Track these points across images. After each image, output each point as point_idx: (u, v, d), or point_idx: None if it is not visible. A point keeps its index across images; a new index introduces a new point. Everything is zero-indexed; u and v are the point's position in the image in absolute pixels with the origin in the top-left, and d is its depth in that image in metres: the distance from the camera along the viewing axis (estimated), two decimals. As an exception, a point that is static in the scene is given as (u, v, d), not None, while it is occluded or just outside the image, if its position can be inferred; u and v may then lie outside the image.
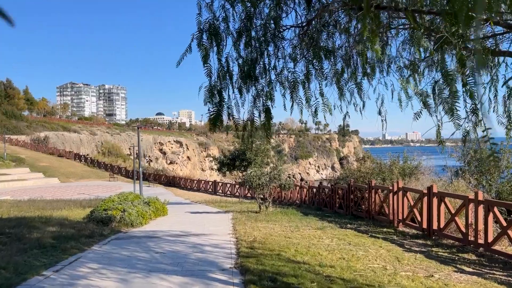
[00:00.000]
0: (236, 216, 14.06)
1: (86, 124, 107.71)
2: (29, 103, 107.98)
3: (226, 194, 33.49)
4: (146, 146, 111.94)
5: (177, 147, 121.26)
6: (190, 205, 23.81)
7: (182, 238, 9.67)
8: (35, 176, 47.22)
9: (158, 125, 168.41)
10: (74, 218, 13.19)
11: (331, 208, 16.06)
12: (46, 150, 61.22)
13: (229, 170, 24.32)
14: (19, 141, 62.84)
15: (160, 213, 15.76)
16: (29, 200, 25.26)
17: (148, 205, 15.40)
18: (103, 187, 40.32)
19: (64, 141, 77.84)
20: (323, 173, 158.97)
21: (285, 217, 13.37)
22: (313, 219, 13.10)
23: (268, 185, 15.08)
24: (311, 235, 9.71)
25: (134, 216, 12.44)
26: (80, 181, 46.22)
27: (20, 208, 17.66)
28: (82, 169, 53.74)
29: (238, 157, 23.29)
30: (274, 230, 10.46)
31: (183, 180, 41.44)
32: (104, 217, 11.96)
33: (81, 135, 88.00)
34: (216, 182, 35.94)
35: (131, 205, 13.39)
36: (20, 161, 51.84)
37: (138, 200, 15.80)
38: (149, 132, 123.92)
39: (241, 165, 23.24)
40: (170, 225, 12.69)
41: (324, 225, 11.47)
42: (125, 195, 17.23)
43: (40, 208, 17.41)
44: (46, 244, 8.36)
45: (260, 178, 15.14)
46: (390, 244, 8.86)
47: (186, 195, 33.09)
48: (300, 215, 14.45)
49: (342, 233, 10.07)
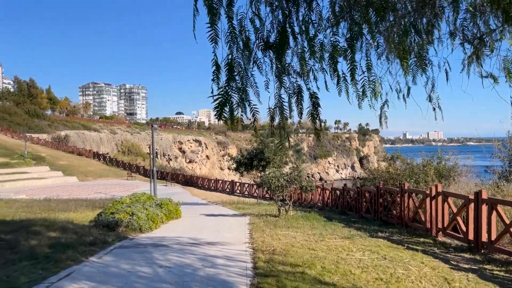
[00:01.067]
0: (254, 221, 12.95)
1: (106, 123, 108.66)
2: (52, 103, 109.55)
3: (244, 194, 32.46)
4: (166, 145, 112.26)
5: (196, 146, 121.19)
6: (206, 206, 22.85)
7: (192, 248, 8.61)
8: (54, 174, 47.28)
9: (178, 124, 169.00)
10: (80, 221, 12.34)
11: (357, 212, 14.76)
12: (66, 148, 61.52)
13: (247, 170, 23.21)
14: (40, 140, 63.37)
15: (173, 215, 14.79)
16: (44, 200, 24.79)
17: (160, 207, 14.46)
18: (120, 186, 39.91)
19: (84, 140, 78.39)
20: (343, 173, 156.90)
21: (307, 223, 12.18)
22: (339, 225, 11.86)
23: (288, 187, 13.91)
24: (338, 246, 8.50)
25: (143, 220, 11.47)
26: (98, 180, 46.02)
27: (30, 208, 17.00)
28: (100, 167, 53.64)
29: (256, 156, 22.14)
30: (296, 239, 9.29)
31: (200, 180, 40.64)
32: (111, 221, 11.03)
33: (101, 134, 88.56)
34: (234, 182, 34.95)
35: (141, 208, 12.44)
36: (41, 159, 52.07)
37: (150, 202, 14.89)
38: (169, 131, 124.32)
39: (259, 165, 22.09)
40: (182, 230, 11.67)
41: (352, 233, 10.23)
42: (137, 196, 16.38)
43: (50, 209, 16.71)
44: (39, 254, 7.43)
45: (279, 179, 13.99)
46: (432, 259, 7.57)
47: (203, 195, 32.23)
48: (324, 220, 13.23)
49: (374, 244, 8.83)
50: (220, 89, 2.90)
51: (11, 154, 51.60)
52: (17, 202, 21.79)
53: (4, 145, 55.63)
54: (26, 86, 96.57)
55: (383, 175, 14.69)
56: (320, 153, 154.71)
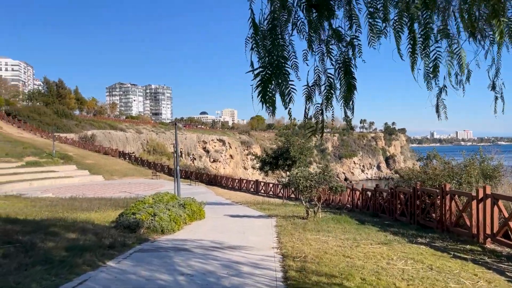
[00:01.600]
0: (281, 223, 12.25)
1: (132, 123, 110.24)
2: (79, 103, 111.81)
3: (269, 194, 31.79)
4: (190, 145, 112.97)
5: (220, 146, 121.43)
6: (230, 206, 22.30)
7: (216, 252, 7.99)
8: (81, 173, 47.91)
9: (202, 124, 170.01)
10: (101, 222, 11.95)
11: (391, 215, 13.85)
12: (92, 148, 62.43)
13: (272, 170, 22.52)
14: (67, 139, 64.56)
15: (197, 216, 14.27)
16: (69, 198, 24.84)
17: (183, 208, 13.96)
18: (145, 185, 39.97)
19: (110, 139, 79.55)
20: (368, 173, 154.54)
21: (338, 226, 11.39)
22: (373, 229, 11.03)
23: (317, 188, 13.14)
24: (376, 253, 7.71)
25: (166, 221, 10.96)
26: (123, 179, 46.34)
27: (54, 208, 16.86)
28: (126, 166, 54.09)
29: (282, 155, 21.40)
30: (328, 244, 8.54)
31: (224, 179, 40.23)
32: (132, 222, 10.56)
33: (127, 133, 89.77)
34: (258, 181, 34.34)
35: (163, 208, 11.95)
36: (68, 158, 52.95)
37: (173, 202, 14.43)
38: (193, 130, 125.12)
39: (285, 164, 21.35)
40: (205, 232, 11.10)
41: (389, 239, 9.39)
42: (160, 195, 15.98)
43: (73, 208, 16.51)
44: (54, 258, 6.97)
45: (307, 179, 13.24)
46: (485, 270, 6.69)
47: (227, 194, 31.75)
48: (355, 223, 12.40)
49: (416, 251, 7.98)
50: (262, 59, 2.19)
51: (40, 153, 52.66)
52: (43, 200, 21.84)
53: (34, 144, 56.87)
54: (55, 86, 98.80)
55: (419, 175, 13.71)
56: (345, 153, 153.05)
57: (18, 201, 20.03)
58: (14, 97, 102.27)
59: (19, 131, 65.74)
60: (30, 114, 71.99)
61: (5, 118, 69.79)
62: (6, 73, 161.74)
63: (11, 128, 66.21)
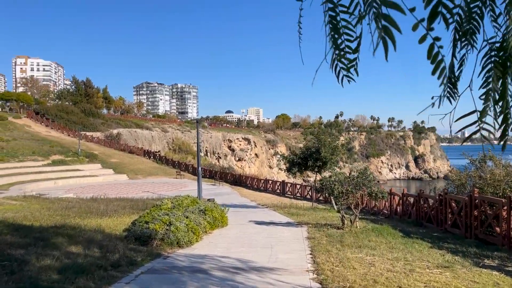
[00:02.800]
0: (313, 234, 10.72)
1: (158, 122, 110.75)
2: (107, 102, 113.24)
3: (296, 196, 30.21)
4: (215, 143, 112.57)
5: (245, 144, 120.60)
6: (255, 210, 20.89)
7: (239, 277, 6.56)
8: (105, 172, 47.70)
9: (227, 122, 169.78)
10: (112, 230, 10.75)
11: (439, 225, 12.08)
12: (118, 146, 62.40)
13: (300, 171, 20.91)
14: (93, 138, 64.85)
15: (218, 223, 12.93)
16: (89, 199, 24.10)
17: (204, 214, 12.65)
18: (168, 184, 39.17)
19: (136, 138, 79.78)
20: (397, 172, 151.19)
21: (381, 240, 9.75)
22: (423, 244, 9.34)
23: (354, 194, 11.54)
24: (440, 282, 6.08)
25: (182, 231, 9.63)
26: (147, 178, 45.77)
27: (69, 210, 15.89)
28: (150, 165, 53.63)
29: (311, 155, 19.75)
30: (375, 268, 6.96)
31: (249, 179, 38.88)
32: (144, 233, 9.28)
33: (153, 132, 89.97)
34: (285, 182, 32.79)
35: (180, 216, 10.64)
36: (93, 157, 52.95)
37: (193, 207, 13.14)
38: (218, 129, 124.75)
39: (315, 165, 19.70)
40: (227, 245, 9.70)
41: (448, 260, 7.72)
42: (180, 199, 14.74)
43: (88, 212, 15.49)
44: (41, 284, 5.72)
45: (343, 184, 11.65)
46: None
47: (252, 196, 30.37)
48: (400, 235, 10.73)
49: (489, 280, 6.31)
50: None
51: (66, 151, 52.89)
52: (61, 202, 21.07)
53: (60, 143, 57.28)
54: (83, 85, 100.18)
55: (474, 180, 11.87)
56: (372, 152, 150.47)
57: (35, 203, 19.27)
58: (44, 96, 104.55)
59: (47, 130, 66.58)
60: (58, 113, 72.86)
61: (34, 117, 70.89)
62: (37, 73, 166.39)
63: (39, 127, 67.15)
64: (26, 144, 52.81)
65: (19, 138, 55.02)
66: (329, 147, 19.37)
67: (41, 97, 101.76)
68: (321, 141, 19.48)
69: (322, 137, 19.61)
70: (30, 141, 54.96)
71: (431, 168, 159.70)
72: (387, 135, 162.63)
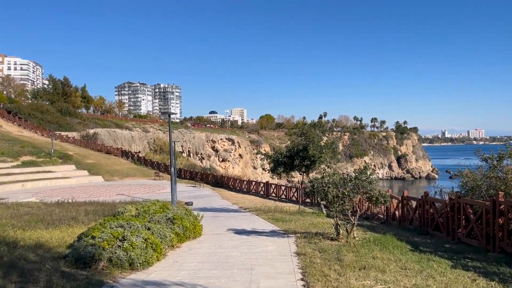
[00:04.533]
0: (304, 249, 8.75)
1: (139, 122, 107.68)
2: (86, 101, 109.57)
3: (281, 198, 28.26)
4: (199, 144, 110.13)
5: (229, 145, 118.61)
6: (236, 214, 18.87)
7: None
8: (79, 173, 44.96)
9: (211, 123, 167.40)
10: (53, 246, 8.59)
11: (450, 235, 10.26)
12: (94, 147, 59.51)
13: (286, 171, 18.92)
14: (69, 138, 61.76)
15: (190, 234, 10.86)
16: (53, 204, 21.70)
17: (172, 223, 10.57)
18: (145, 187, 36.83)
19: (116, 138, 76.85)
20: (380, 172, 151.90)
21: (389, 256, 7.82)
22: (443, 263, 7.46)
23: (352, 198, 9.62)
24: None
25: (138, 249, 7.53)
26: (124, 180, 43.28)
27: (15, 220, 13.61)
28: (128, 166, 51.01)
29: (298, 154, 17.79)
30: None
31: (231, 180, 36.77)
32: (88, 251, 7.15)
33: (133, 132, 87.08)
34: (269, 184, 30.82)
35: (139, 228, 8.53)
36: (67, 158, 50.03)
37: (160, 215, 11.05)
38: (202, 129, 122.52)
39: (302, 165, 17.74)
40: (195, 266, 7.65)
41: (482, 285, 5.85)
42: (147, 205, 12.68)
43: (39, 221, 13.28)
44: None
45: (337, 185, 9.72)
46: None
47: (234, 198, 28.32)
48: (408, 248, 8.85)
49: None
50: None
51: (39, 152, 49.84)
52: (16, 208, 18.63)
53: (33, 143, 54.11)
54: (60, 84, 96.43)
55: (491, 182, 10.09)
56: (356, 152, 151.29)
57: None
58: (19, 95, 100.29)
59: (19, 129, 63.15)
60: (31, 111, 69.38)
61: (5, 116, 67.31)
62: (15, 72, 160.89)
63: (11, 127, 63.66)
64: (-6, 144, 49.54)
65: (-13, 138, 51.68)
66: (318, 145, 17.46)
67: (16, 96, 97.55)
68: (309, 138, 17.53)
69: (310, 133, 17.66)
70: None
71: (414, 168, 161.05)
72: (370, 136, 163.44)
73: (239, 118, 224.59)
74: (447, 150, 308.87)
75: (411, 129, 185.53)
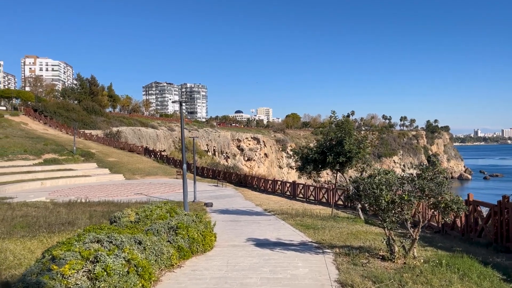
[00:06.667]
0: (349, 276, 6.26)
1: (165, 120, 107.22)
2: (112, 100, 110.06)
3: (309, 199, 25.69)
4: (224, 143, 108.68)
5: (255, 144, 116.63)
6: (259, 217, 16.49)
7: None
8: (100, 172, 43.79)
9: (237, 122, 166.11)
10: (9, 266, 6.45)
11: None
12: (117, 145, 58.55)
13: (317, 169, 16.35)
14: (92, 136, 61.12)
15: (198, 247, 8.56)
16: (62, 203, 20.06)
17: (174, 233, 8.30)
18: (166, 185, 35.12)
19: (140, 136, 76.01)
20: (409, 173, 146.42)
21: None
22: None
23: (413, 204, 7.06)
24: None
25: (116, 276, 5.27)
26: (145, 178, 41.75)
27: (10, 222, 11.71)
28: (150, 165, 49.58)
29: (331, 149, 15.18)
30: None
31: (256, 180, 34.42)
32: (37, 284, 4.93)
33: (158, 130, 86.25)
34: (296, 184, 28.30)
35: (123, 244, 6.26)
36: (90, 155, 49.11)
37: (162, 223, 8.80)
38: (227, 128, 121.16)
39: (336, 162, 15.14)
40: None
41: None
42: (150, 208, 10.53)
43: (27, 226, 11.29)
44: None
45: (391, 187, 7.17)
46: None
47: (258, 199, 25.98)
48: (498, 276, 6.23)
49: None
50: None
51: (61, 150, 49.14)
52: (21, 207, 16.96)
53: (56, 141, 53.60)
54: (88, 83, 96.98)
55: None
56: (384, 152, 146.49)
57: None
58: (48, 94, 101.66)
59: (44, 128, 63.07)
60: (57, 110, 69.31)
61: (32, 115, 67.48)
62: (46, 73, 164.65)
63: (37, 125, 63.69)
64: (19, 142, 49.12)
65: (12, 136, 51.39)
66: (355, 138, 14.85)
67: (46, 95, 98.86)
68: (344, 130, 14.88)
69: (346, 125, 15.01)
70: (24, 139, 51.32)
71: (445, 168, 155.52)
72: (399, 135, 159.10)
73: (264, 117, 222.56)
74: (480, 150, 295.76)
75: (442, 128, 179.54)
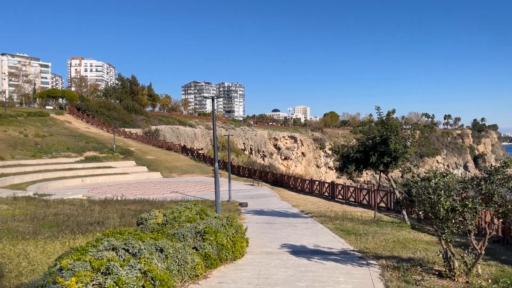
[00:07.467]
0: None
1: (203, 119, 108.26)
2: (152, 99, 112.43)
3: (349, 201, 24.42)
4: (260, 141, 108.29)
5: (292, 143, 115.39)
6: (296, 220, 15.57)
7: None
8: (138, 169, 44.39)
9: (274, 121, 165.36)
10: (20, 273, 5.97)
11: None
12: (155, 143, 59.36)
13: (359, 169, 15.19)
14: (132, 134, 62.34)
15: (227, 254, 7.82)
16: (98, 201, 20.07)
17: (202, 239, 7.59)
18: (202, 184, 34.90)
19: (178, 135, 76.86)
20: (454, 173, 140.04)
21: None
22: None
23: (478, 212, 5.95)
24: None
25: (128, 290, 4.60)
26: (182, 176, 41.82)
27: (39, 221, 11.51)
28: (187, 163, 49.74)
29: (375, 148, 13.99)
30: None
31: (292, 179, 33.42)
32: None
33: (196, 129, 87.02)
34: (335, 184, 27.06)
35: (141, 252, 5.60)
36: (129, 153, 49.97)
37: (188, 227, 8.12)
38: (264, 127, 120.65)
39: (380, 162, 13.94)
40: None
41: None
42: (179, 210, 9.92)
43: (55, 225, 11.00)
44: None
45: (450, 192, 6.09)
46: None
47: (294, 199, 25.03)
48: None
49: None
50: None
51: (102, 148, 50.36)
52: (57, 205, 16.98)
53: (97, 139, 55.04)
54: (129, 83, 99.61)
55: None
56: (427, 151, 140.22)
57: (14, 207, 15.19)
58: (92, 93, 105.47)
59: (87, 126, 65.04)
60: (98, 109, 71.34)
61: (75, 113, 69.82)
62: (90, 73, 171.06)
63: (80, 123, 65.77)
64: (62, 140, 50.82)
65: (56, 134, 53.23)
66: (401, 137, 13.60)
67: (89, 95, 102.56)
68: (390, 128, 13.64)
69: (391, 122, 13.76)
70: (67, 137, 53.03)
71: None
72: (443, 133, 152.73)
73: (302, 116, 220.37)
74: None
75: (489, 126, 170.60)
